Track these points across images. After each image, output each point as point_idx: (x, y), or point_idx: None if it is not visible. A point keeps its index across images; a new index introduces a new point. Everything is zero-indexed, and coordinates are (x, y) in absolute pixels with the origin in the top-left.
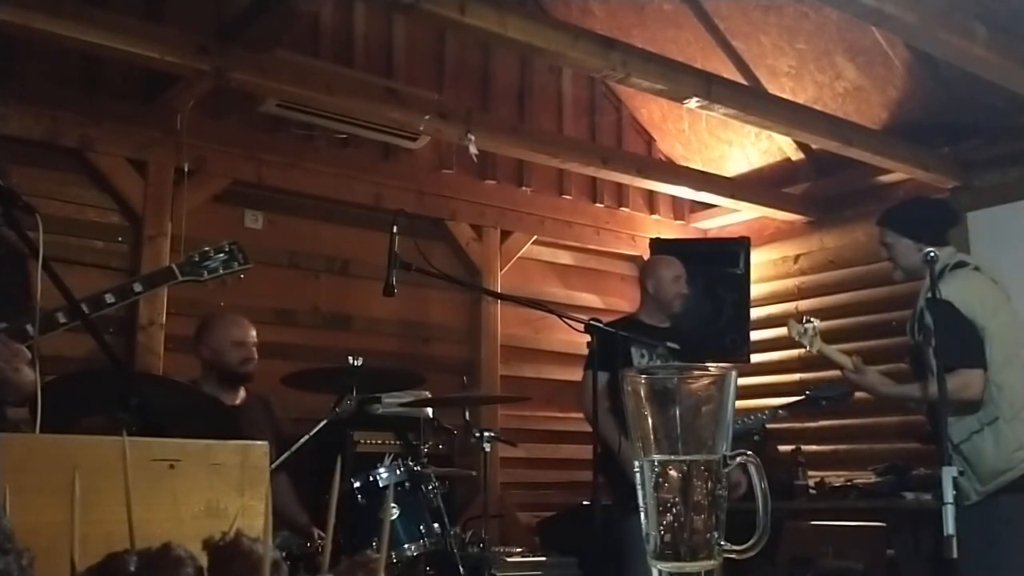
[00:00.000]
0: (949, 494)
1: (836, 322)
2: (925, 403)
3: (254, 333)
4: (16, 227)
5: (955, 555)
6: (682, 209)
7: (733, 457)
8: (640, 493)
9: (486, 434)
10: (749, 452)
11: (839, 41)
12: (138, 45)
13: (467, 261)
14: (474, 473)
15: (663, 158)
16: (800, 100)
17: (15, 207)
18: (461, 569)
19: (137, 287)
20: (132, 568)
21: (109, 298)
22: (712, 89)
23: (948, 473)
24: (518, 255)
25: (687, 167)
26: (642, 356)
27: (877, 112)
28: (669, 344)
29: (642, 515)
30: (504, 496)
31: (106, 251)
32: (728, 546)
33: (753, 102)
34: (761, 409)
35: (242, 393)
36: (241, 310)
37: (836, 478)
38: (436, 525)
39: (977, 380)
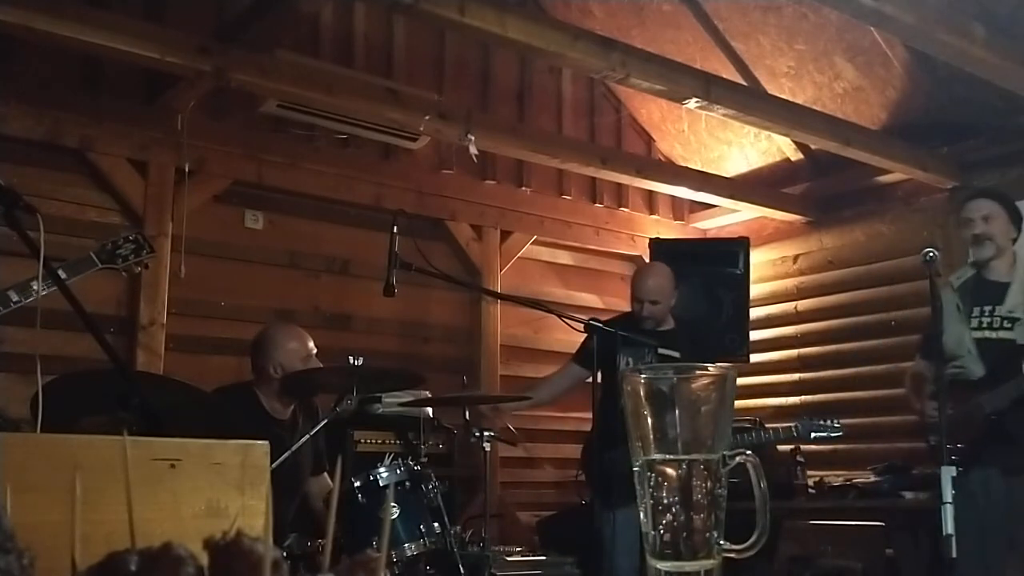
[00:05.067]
0: (948, 493)
1: (835, 322)
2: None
3: (312, 343)
4: (17, 227)
5: (954, 555)
6: (681, 209)
7: (732, 457)
8: (640, 493)
9: (486, 434)
10: (748, 452)
11: (838, 42)
12: (139, 45)
13: (467, 261)
14: (474, 473)
15: (662, 158)
16: (799, 100)
17: (16, 207)
18: (461, 568)
19: (62, 274)
20: (133, 567)
21: (35, 285)
22: (711, 90)
23: (947, 473)
24: (518, 255)
25: (686, 167)
26: (627, 362)
27: (876, 112)
28: (662, 351)
29: (642, 514)
30: (504, 496)
31: None
32: (727, 545)
33: (752, 102)
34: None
35: (292, 407)
36: (241, 310)
37: (835, 477)
38: (436, 524)
39: None
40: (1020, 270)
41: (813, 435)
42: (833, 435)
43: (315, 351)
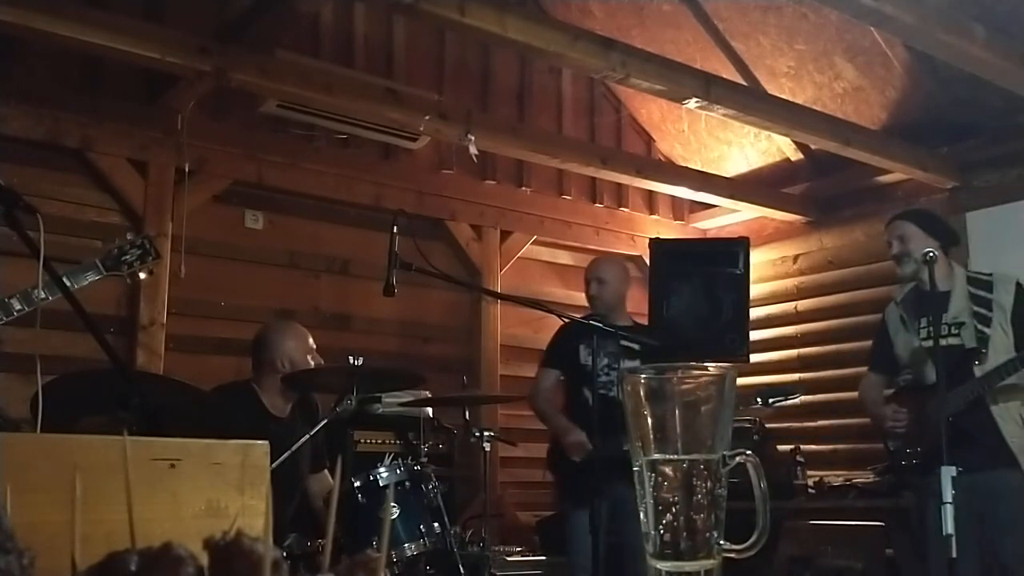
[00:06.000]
0: (948, 494)
1: (835, 322)
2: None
3: (311, 339)
4: (17, 227)
5: (954, 555)
6: (681, 209)
7: (732, 456)
8: (639, 492)
9: (486, 434)
10: (748, 452)
11: (838, 42)
12: (139, 45)
13: (467, 261)
14: (474, 473)
15: (662, 158)
16: (799, 100)
17: (16, 207)
18: (461, 568)
19: (66, 282)
20: (133, 567)
21: (38, 293)
22: (711, 90)
23: (947, 473)
24: (518, 255)
25: (686, 167)
26: (588, 354)
27: (876, 112)
28: (625, 343)
29: (642, 514)
30: (504, 496)
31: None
32: (727, 545)
33: (752, 102)
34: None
35: (291, 404)
36: (241, 310)
37: (835, 478)
38: (436, 524)
39: None
40: (959, 277)
41: (771, 401)
42: (791, 398)
43: (315, 347)
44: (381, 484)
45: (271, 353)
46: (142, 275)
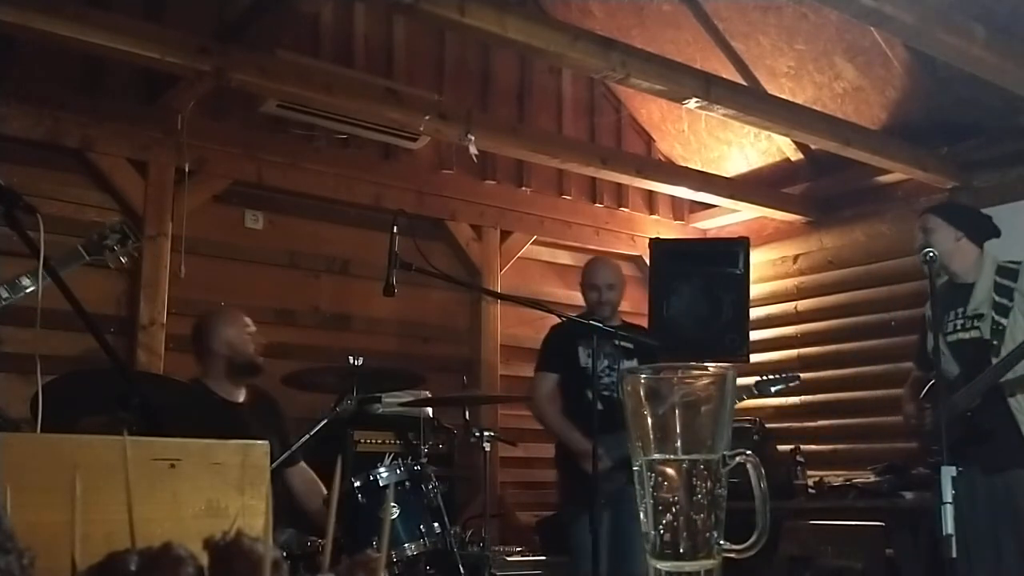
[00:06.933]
0: (948, 493)
1: (835, 322)
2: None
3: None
4: (17, 227)
5: (954, 554)
6: (681, 209)
7: (732, 456)
8: (639, 492)
9: (486, 434)
10: (748, 451)
11: (838, 42)
12: (139, 46)
13: (467, 261)
14: (474, 473)
15: (662, 158)
16: (799, 100)
17: (16, 207)
18: (461, 568)
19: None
20: (133, 567)
21: (24, 281)
22: (711, 90)
23: (947, 473)
24: (518, 255)
25: (686, 167)
26: (588, 356)
27: (876, 112)
28: (620, 343)
29: (642, 514)
30: (504, 496)
31: None
32: (727, 545)
33: (752, 103)
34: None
35: (244, 390)
36: (241, 310)
37: (835, 478)
38: (436, 524)
39: None
40: (987, 268)
41: (774, 389)
42: (791, 384)
43: (253, 328)
44: (381, 484)
45: (208, 341)
46: (123, 260)
